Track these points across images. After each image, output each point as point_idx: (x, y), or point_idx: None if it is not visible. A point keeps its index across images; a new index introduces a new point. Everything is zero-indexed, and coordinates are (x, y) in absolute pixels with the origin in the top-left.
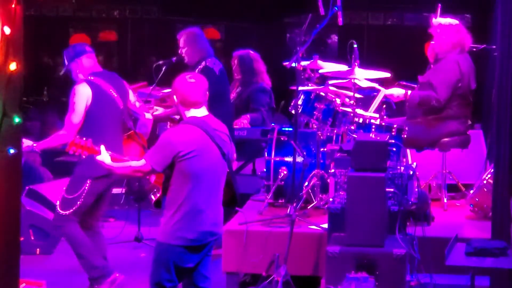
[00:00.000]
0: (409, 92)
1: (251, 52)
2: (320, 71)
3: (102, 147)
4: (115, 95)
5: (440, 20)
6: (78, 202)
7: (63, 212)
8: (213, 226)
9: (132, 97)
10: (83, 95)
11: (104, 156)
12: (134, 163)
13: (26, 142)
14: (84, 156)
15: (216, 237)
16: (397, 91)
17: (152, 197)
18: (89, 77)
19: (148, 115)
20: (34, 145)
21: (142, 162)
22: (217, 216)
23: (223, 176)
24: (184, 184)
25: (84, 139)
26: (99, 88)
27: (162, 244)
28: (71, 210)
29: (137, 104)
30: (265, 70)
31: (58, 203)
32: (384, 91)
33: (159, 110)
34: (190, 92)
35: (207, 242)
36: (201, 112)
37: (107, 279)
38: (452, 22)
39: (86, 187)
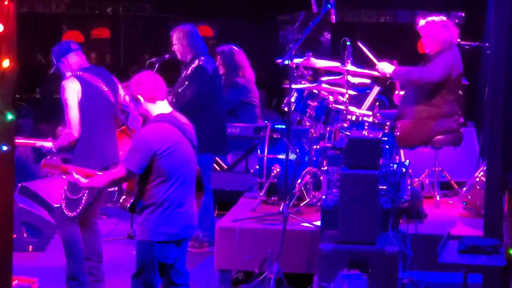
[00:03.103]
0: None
1: (233, 46)
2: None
3: (73, 171)
4: (106, 89)
5: (429, 18)
6: (83, 201)
7: (70, 214)
8: (191, 219)
9: (121, 91)
10: (72, 89)
11: (78, 177)
12: (112, 172)
13: (47, 144)
14: (54, 175)
15: (193, 230)
16: (387, 66)
17: (123, 202)
18: (77, 72)
19: None
20: (54, 150)
21: (119, 168)
22: (193, 209)
23: (195, 168)
24: (163, 181)
25: (55, 158)
26: (88, 83)
27: (144, 243)
28: (78, 211)
29: (127, 98)
30: (249, 65)
31: (63, 204)
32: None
33: None
34: (153, 84)
35: (186, 236)
36: (166, 106)
37: None
38: (441, 19)
39: None
